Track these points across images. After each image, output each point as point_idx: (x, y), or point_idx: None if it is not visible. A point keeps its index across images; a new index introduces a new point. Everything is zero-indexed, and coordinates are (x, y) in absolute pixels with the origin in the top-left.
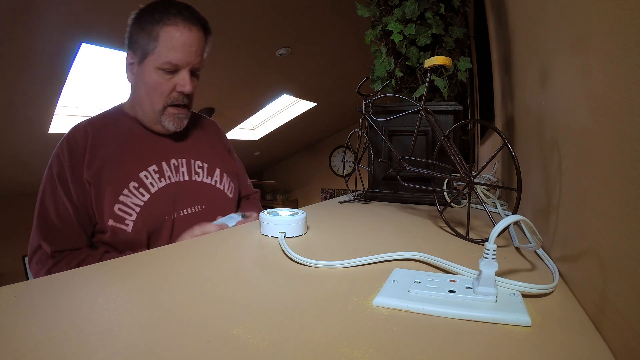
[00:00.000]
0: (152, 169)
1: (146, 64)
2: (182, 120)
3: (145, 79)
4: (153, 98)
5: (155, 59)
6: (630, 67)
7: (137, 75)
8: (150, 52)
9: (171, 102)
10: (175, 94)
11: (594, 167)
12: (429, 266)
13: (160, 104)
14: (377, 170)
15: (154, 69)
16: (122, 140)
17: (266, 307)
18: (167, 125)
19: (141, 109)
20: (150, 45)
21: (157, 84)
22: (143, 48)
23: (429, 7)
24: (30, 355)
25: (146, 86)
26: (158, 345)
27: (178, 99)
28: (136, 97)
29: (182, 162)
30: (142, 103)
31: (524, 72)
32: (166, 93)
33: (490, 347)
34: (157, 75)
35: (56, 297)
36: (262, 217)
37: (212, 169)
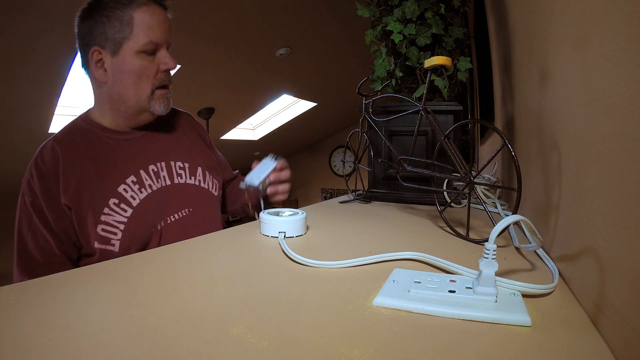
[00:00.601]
0: (131, 181)
1: (124, 52)
2: (169, 100)
3: (126, 68)
4: (140, 84)
5: (134, 44)
6: (630, 67)
7: (114, 68)
8: (127, 38)
9: (159, 84)
10: (161, 74)
11: (594, 167)
12: (429, 266)
13: (149, 88)
14: (377, 170)
15: (134, 55)
16: (94, 153)
17: (266, 307)
18: (157, 108)
19: (122, 104)
20: (125, 31)
21: (142, 67)
22: (115, 37)
23: (429, 7)
24: (30, 355)
25: (130, 74)
26: (158, 346)
27: (164, 79)
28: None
29: (161, 166)
30: (125, 95)
31: (524, 72)
32: (152, 75)
33: (490, 347)
34: (140, 59)
35: (56, 297)
36: (262, 217)
37: (194, 168)
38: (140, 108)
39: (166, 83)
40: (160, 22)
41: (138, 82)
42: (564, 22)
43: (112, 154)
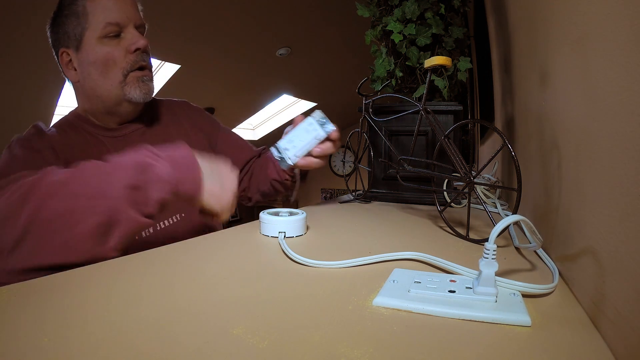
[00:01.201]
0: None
1: (85, 44)
2: (148, 85)
3: (90, 58)
4: (108, 72)
5: (93, 31)
6: (630, 67)
7: (81, 63)
8: (85, 29)
9: (130, 67)
10: (131, 56)
11: (594, 167)
12: (429, 266)
13: (119, 73)
14: (377, 170)
15: (96, 43)
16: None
17: (266, 307)
18: (134, 95)
19: (97, 98)
20: (82, 22)
21: (106, 54)
22: (75, 32)
23: (429, 7)
24: (29, 355)
25: (95, 64)
26: (158, 345)
27: (137, 60)
28: (87, 89)
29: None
30: (97, 89)
31: (524, 72)
32: (120, 58)
33: (490, 347)
34: (103, 45)
35: (55, 297)
36: (262, 217)
37: None
38: (115, 98)
39: (141, 64)
40: (119, 0)
41: (105, 70)
42: (564, 22)
43: (103, 148)
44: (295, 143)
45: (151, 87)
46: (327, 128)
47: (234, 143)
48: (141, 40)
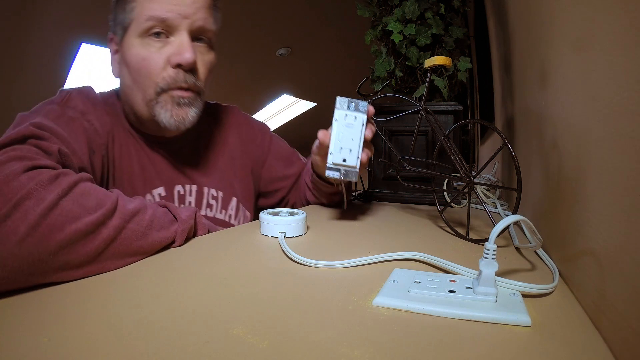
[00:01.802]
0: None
1: (127, 39)
2: (185, 111)
3: (127, 58)
4: (141, 82)
5: (136, 25)
6: (630, 67)
7: (120, 59)
8: (130, 19)
9: (167, 85)
10: (171, 71)
11: (594, 167)
12: (429, 266)
13: (152, 87)
14: (377, 170)
15: (136, 40)
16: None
17: (266, 307)
18: (163, 118)
19: (130, 107)
20: (128, 10)
21: (142, 59)
22: (121, 20)
23: (429, 7)
24: (29, 355)
25: (129, 68)
26: (158, 345)
27: (177, 79)
28: (122, 93)
29: (190, 189)
30: (130, 98)
31: (524, 72)
32: (157, 70)
33: (490, 347)
34: (142, 45)
35: (55, 296)
36: (262, 217)
37: (228, 199)
38: (146, 115)
39: (180, 84)
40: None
41: (138, 78)
42: (564, 22)
43: (143, 152)
44: (346, 145)
45: (188, 114)
46: (361, 107)
47: (283, 160)
48: (187, 52)
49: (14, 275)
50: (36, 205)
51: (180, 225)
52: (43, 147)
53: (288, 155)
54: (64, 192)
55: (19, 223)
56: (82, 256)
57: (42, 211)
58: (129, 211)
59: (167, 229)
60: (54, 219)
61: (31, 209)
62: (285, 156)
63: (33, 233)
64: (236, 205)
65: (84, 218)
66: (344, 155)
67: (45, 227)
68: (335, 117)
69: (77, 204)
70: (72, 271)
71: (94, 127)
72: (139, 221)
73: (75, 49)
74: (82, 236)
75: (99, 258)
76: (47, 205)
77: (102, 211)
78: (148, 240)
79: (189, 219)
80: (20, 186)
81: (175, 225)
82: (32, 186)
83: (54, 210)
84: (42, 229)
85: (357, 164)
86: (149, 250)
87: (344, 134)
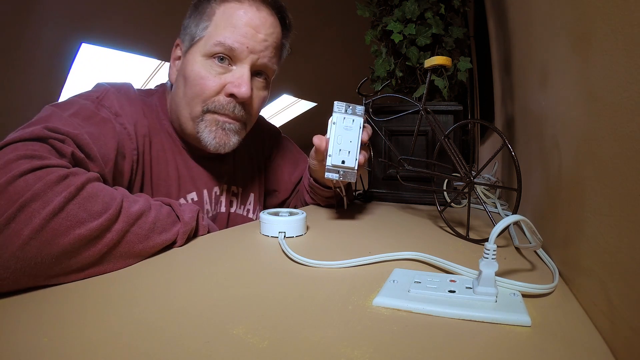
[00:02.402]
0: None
1: (192, 52)
2: (228, 135)
3: (186, 71)
4: (192, 97)
5: (204, 43)
6: (630, 67)
7: (180, 68)
8: (200, 35)
9: (215, 109)
10: (223, 98)
11: (594, 167)
12: (429, 266)
13: (200, 106)
14: (377, 170)
15: (200, 57)
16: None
17: (266, 307)
18: (206, 137)
19: (177, 116)
20: (201, 26)
21: (200, 77)
22: (192, 33)
23: (429, 7)
24: (29, 354)
25: (186, 81)
26: (158, 345)
27: (225, 107)
28: (172, 101)
29: (223, 189)
30: (179, 107)
31: (524, 72)
32: (210, 93)
33: (490, 347)
34: (203, 65)
35: (55, 296)
36: (262, 217)
37: (246, 195)
38: (190, 130)
39: (227, 111)
40: (251, 25)
41: (190, 93)
42: (564, 22)
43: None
44: (345, 147)
45: (230, 140)
46: (358, 111)
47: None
48: (244, 86)
49: (17, 277)
50: (41, 208)
51: (182, 227)
52: (57, 147)
53: (295, 159)
54: (72, 195)
55: (22, 226)
56: (85, 260)
57: (47, 215)
58: (133, 214)
59: (169, 231)
60: (59, 224)
61: (36, 212)
62: (292, 159)
63: (37, 237)
64: (254, 201)
65: (89, 223)
66: (342, 157)
67: (49, 231)
68: (334, 121)
69: (82, 209)
70: (74, 274)
71: (127, 130)
72: (142, 224)
73: (75, 49)
74: (86, 241)
75: (101, 261)
76: (53, 209)
77: (106, 216)
78: (150, 243)
79: (192, 221)
80: (27, 187)
81: (178, 226)
82: (38, 187)
83: (60, 214)
84: (46, 234)
85: (355, 165)
86: (150, 252)
87: (342, 137)
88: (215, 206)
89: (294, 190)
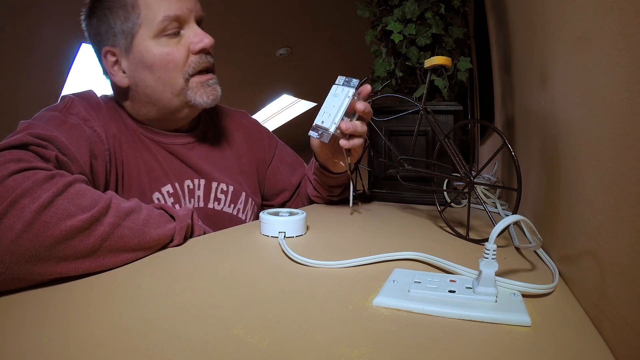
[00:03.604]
0: (167, 191)
1: (138, 43)
2: (215, 89)
3: (146, 61)
4: (169, 76)
5: (148, 28)
6: (630, 67)
7: (132, 66)
8: (137, 25)
9: (193, 71)
10: (194, 57)
11: (594, 167)
12: (429, 266)
13: (180, 77)
14: (377, 170)
15: (152, 41)
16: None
17: (266, 307)
18: (200, 100)
19: (153, 106)
20: (132, 17)
21: (165, 55)
22: (124, 29)
23: (429, 7)
24: (30, 354)
25: (152, 69)
26: (158, 345)
27: (201, 62)
28: (141, 95)
29: (198, 183)
30: (153, 96)
31: (524, 72)
32: (182, 61)
33: (490, 347)
34: (159, 44)
35: (56, 296)
36: (262, 217)
37: (238, 194)
38: (177, 106)
39: (205, 66)
40: None
41: (164, 75)
42: (563, 22)
43: (149, 153)
44: (329, 111)
45: (218, 91)
46: (352, 83)
47: (287, 165)
48: (206, 38)
49: (12, 271)
50: (31, 202)
51: (178, 223)
52: (40, 153)
53: (292, 162)
54: (59, 191)
55: (14, 220)
56: (78, 251)
57: (37, 208)
58: (124, 210)
59: (164, 227)
60: (49, 216)
61: (27, 206)
62: (290, 162)
63: (29, 229)
64: (245, 199)
65: (79, 216)
66: (323, 118)
67: (40, 223)
68: (330, 91)
69: (71, 203)
70: (69, 263)
71: (97, 132)
72: (134, 219)
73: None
74: (77, 232)
75: (96, 253)
76: (42, 202)
77: (96, 209)
78: (146, 237)
79: (186, 217)
80: (16, 185)
81: (173, 223)
82: (27, 185)
83: (49, 207)
84: (37, 226)
85: (330, 128)
86: (147, 247)
87: (329, 103)
88: (190, 200)
89: (294, 192)
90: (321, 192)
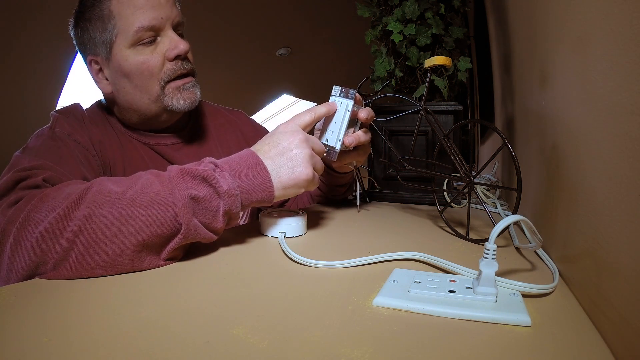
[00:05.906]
0: None
1: (116, 52)
2: (192, 92)
3: (124, 70)
4: (145, 84)
5: (124, 38)
6: (630, 67)
7: (113, 74)
8: (114, 35)
9: (169, 78)
10: (170, 64)
11: (594, 167)
12: (429, 266)
13: (156, 84)
14: (377, 170)
15: (128, 50)
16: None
17: (266, 307)
18: (176, 105)
19: (134, 112)
20: (109, 28)
21: (140, 64)
22: (104, 39)
23: (429, 7)
24: (30, 354)
25: (130, 77)
26: (158, 345)
27: (176, 69)
28: (122, 102)
29: None
30: (133, 103)
31: (524, 72)
32: (158, 68)
33: (490, 347)
34: (135, 53)
35: (56, 296)
36: (262, 217)
37: None
38: (155, 111)
39: (182, 72)
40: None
41: (140, 82)
42: (563, 22)
43: (137, 154)
44: (331, 127)
45: (196, 94)
46: (350, 94)
47: None
48: (181, 44)
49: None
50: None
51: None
52: (29, 184)
53: None
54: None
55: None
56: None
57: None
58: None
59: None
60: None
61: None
62: None
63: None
64: None
65: (49, 217)
66: (327, 136)
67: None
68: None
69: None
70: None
71: (80, 143)
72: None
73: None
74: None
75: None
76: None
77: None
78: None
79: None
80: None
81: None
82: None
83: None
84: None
85: (337, 146)
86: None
87: (330, 118)
88: None
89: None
90: (324, 192)
